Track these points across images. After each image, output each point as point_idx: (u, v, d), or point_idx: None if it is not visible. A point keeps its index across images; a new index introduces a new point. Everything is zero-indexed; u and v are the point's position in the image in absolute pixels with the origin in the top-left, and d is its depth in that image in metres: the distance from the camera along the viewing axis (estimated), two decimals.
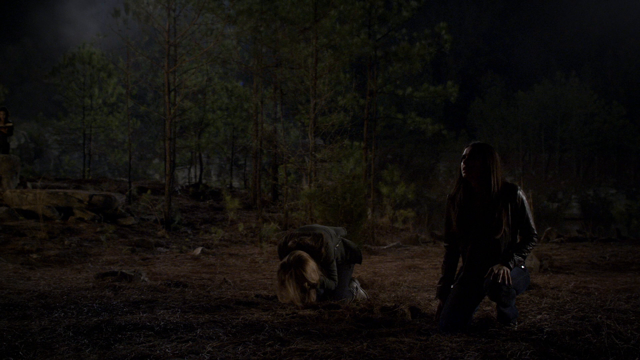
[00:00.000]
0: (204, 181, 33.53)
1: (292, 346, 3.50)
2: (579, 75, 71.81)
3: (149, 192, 18.72)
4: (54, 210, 16.02)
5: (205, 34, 20.03)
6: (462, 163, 4.32)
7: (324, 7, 16.74)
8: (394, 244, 15.65)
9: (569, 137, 67.78)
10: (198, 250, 13.06)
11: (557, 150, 69.44)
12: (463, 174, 4.32)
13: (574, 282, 7.02)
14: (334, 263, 5.39)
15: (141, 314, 4.57)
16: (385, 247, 15.10)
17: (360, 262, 5.86)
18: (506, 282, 3.96)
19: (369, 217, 17.65)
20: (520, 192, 4.28)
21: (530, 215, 4.28)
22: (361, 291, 5.62)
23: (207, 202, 22.63)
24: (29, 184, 18.43)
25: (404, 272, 8.98)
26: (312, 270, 5.14)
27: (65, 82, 32.13)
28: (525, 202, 4.28)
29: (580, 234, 18.34)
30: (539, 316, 4.43)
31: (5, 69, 68.73)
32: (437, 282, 4.69)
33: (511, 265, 4.06)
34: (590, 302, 5.14)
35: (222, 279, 7.30)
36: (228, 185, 32.53)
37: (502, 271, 3.98)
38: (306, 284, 5.06)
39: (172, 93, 19.59)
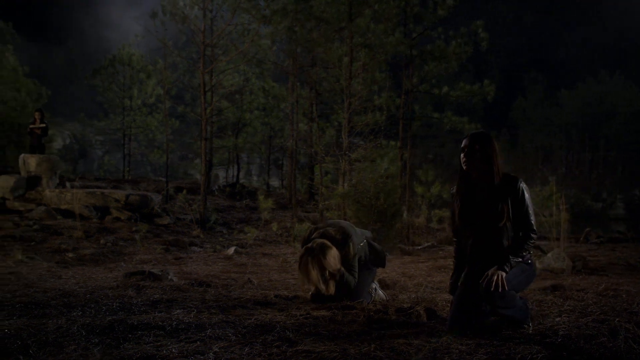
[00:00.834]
0: (241, 181, 33.72)
1: (299, 347, 3.47)
2: (624, 73, 70.42)
3: (184, 192, 18.84)
4: (91, 209, 16.23)
5: (242, 35, 20.12)
6: (461, 155, 4.23)
7: (359, 6, 16.68)
8: (429, 244, 15.51)
9: (613, 136, 66.46)
10: (231, 250, 13.09)
11: (601, 150, 68.19)
12: (464, 167, 4.23)
13: (605, 283, 6.85)
14: (356, 259, 5.30)
15: (156, 314, 4.57)
16: (419, 247, 14.97)
17: (383, 266, 5.77)
18: (499, 289, 3.85)
19: (404, 217, 17.54)
20: (522, 184, 4.12)
21: (530, 210, 4.11)
22: (380, 292, 5.55)
23: (244, 201, 22.74)
24: (67, 184, 18.72)
25: (434, 272, 8.88)
26: (334, 258, 5.08)
27: (106, 83, 32.65)
28: (527, 195, 4.12)
29: (620, 235, 17.97)
30: (557, 319, 4.33)
31: (51, 71, 69.95)
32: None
33: (507, 269, 3.94)
34: (615, 304, 5.01)
35: (247, 279, 7.28)
36: (265, 185, 32.66)
37: (495, 277, 3.89)
38: (327, 272, 5.03)
39: (209, 93, 19.69)
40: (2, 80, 27.69)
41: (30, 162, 17.68)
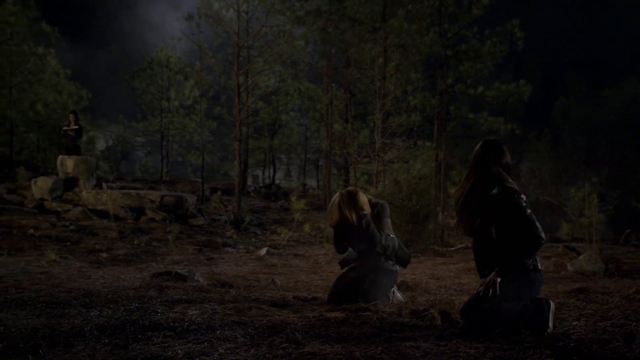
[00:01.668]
0: (281, 182, 33.84)
1: (306, 349, 3.46)
2: None
3: (219, 192, 19.00)
4: (127, 210, 16.43)
5: (277, 36, 20.19)
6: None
7: (393, 6, 16.63)
8: (463, 245, 15.39)
9: None
10: (263, 251, 13.13)
11: None
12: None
13: (636, 287, 6.69)
14: (387, 223, 5.61)
15: (171, 314, 4.60)
16: (453, 249, 14.86)
17: (404, 267, 5.76)
18: (489, 302, 3.85)
19: (439, 218, 17.40)
20: (514, 195, 4.03)
21: (527, 217, 3.98)
22: (398, 294, 5.52)
23: (279, 202, 22.81)
24: (104, 185, 18.97)
25: (462, 274, 8.80)
26: (365, 203, 5.45)
27: (144, 85, 33.03)
28: (522, 202, 4.02)
29: None
30: (575, 322, 4.24)
31: (95, 74, 71.01)
32: None
33: (499, 279, 3.90)
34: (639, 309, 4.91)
35: (270, 280, 7.30)
36: (302, 186, 32.70)
37: (483, 287, 3.91)
38: (356, 208, 5.37)
39: (244, 95, 19.80)
40: (43, 83, 28.18)
41: (67, 163, 17.97)
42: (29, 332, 3.96)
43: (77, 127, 19.12)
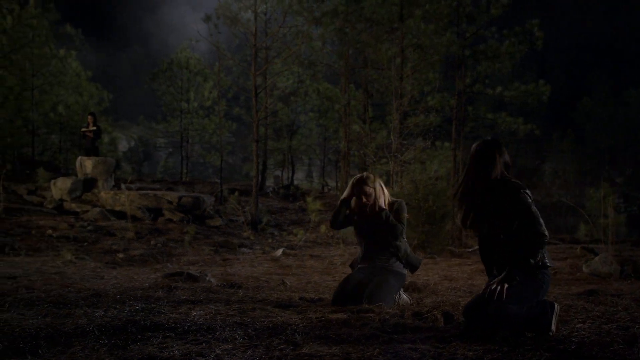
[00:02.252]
0: (302, 182, 33.85)
1: (303, 351, 3.44)
2: None
3: (236, 193, 19.07)
4: (144, 211, 16.53)
5: (296, 37, 20.21)
6: None
7: (410, 6, 16.58)
8: None
9: None
10: (279, 252, 13.13)
11: None
12: None
13: None
14: (404, 212, 5.57)
15: (174, 315, 4.61)
16: (470, 250, 14.75)
17: (412, 272, 5.73)
18: (493, 304, 3.83)
19: (457, 219, 17.27)
20: (514, 187, 4.00)
21: (533, 214, 3.93)
22: (404, 296, 5.47)
23: (297, 203, 22.83)
24: (123, 186, 19.10)
25: (476, 275, 8.73)
26: (384, 191, 5.51)
27: (164, 86, 33.23)
28: (528, 198, 3.95)
29: None
30: (579, 325, 4.18)
31: (118, 75, 71.62)
32: None
33: (506, 285, 3.87)
34: None
35: (280, 281, 7.30)
36: (321, 187, 32.70)
37: (489, 292, 3.88)
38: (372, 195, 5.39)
39: (263, 95, 19.84)
40: (64, 85, 28.46)
41: (86, 164, 18.12)
42: (32, 332, 3.98)
43: (95, 128, 19.26)
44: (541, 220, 3.93)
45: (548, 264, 4.03)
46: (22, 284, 6.73)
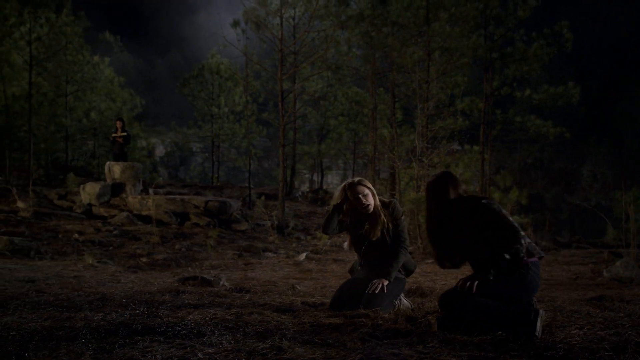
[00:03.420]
0: (327, 186, 33.83)
1: (285, 356, 3.44)
2: None
3: (263, 197, 19.10)
4: (171, 215, 16.65)
5: (324, 41, 20.24)
6: None
7: (436, 9, 16.50)
8: None
9: None
10: (302, 256, 13.13)
11: None
12: None
13: None
14: (402, 221, 5.51)
15: (169, 319, 4.62)
16: None
17: (407, 276, 5.67)
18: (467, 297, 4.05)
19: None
20: (481, 199, 4.30)
21: (497, 213, 4.17)
22: (405, 301, 5.42)
23: (325, 207, 22.80)
24: (150, 191, 19.27)
25: None
26: (372, 192, 5.39)
27: (195, 91, 33.51)
28: (494, 204, 4.21)
29: None
30: (575, 331, 4.10)
31: (156, 80, 72.41)
32: None
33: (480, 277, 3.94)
34: None
35: (291, 285, 7.30)
36: None
37: (461, 282, 4.11)
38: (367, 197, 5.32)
39: (292, 99, 19.88)
40: (96, 91, 28.86)
41: (114, 169, 18.33)
42: (27, 335, 4.03)
43: (125, 134, 19.48)
44: (510, 218, 4.12)
45: (530, 258, 4.05)
46: (36, 287, 6.81)
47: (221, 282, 7.35)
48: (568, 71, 63.54)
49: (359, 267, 5.63)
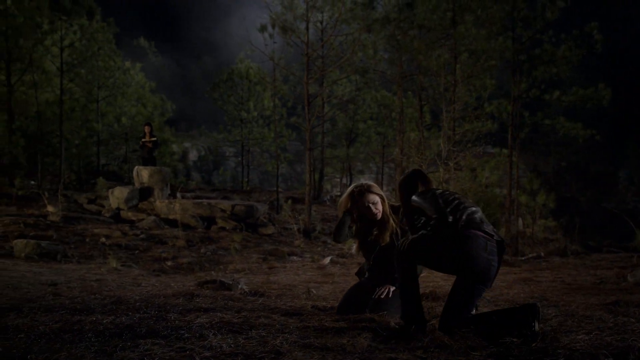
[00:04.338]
0: None
1: (283, 359, 3.44)
2: None
3: (289, 202, 19.13)
4: (198, 219, 16.76)
5: (352, 45, 20.23)
6: None
7: (462, 12, 16.41)
8: (533, 254, 14.95)
9: None
10: (327, 260, 13.13)
11: None
12: None
13: None
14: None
15: (176, 322, 4.64)
16: (523, 258, 14.45)
17: None
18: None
19: (518, 225, 16.99)
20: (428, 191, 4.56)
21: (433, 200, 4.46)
22: None
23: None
24: (178, 195, 19.42)
25: (515, 284, 8.55)
26: (381, 196, 5.33)
27: (225, 96, 33.72)
28: (435, 192, 4.54)
29: None
30: (581, 336, 4.03)
31: (190, 84, 73.02)
32: None
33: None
34: None
35: (307, 289, 7.29)
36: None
37: None
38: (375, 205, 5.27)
39: (319, 102, 19.92)
40: (127, 96, 29.19)
41: (143, 174, 18.51)
42: (34, 337, 4.07)
43: (154, 138, 19.70)
44: (440, 201, 4.39)
45: (471, 230, 4.11)
46: (55, 290, 6.88)
47: (239, 286, 7.36)
48: (599, 73, 62.70)
49: (367, 271, 5.58)
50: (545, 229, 19.01)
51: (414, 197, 4.48)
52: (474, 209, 4.25)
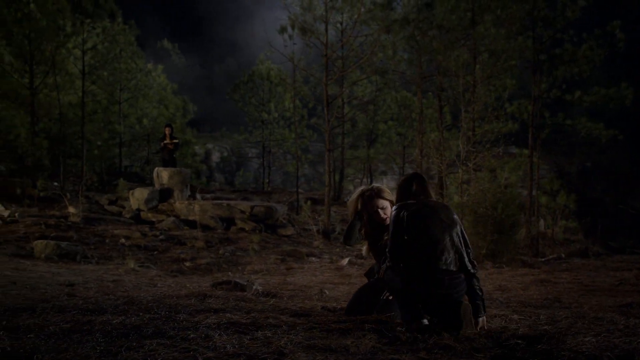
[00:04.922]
0: None
1: (284, 359, 3.44)
2: None
3: (309, 203, 19.14)
4: (217, 220, 16.82)
5: (372, 45, 20.21)
6: None
7: (482, 12, 16.32)
8: (553, 256, 14.83)
9: None
10: (345, 261, 13.12)
11: None
12: None
13: None
14: None
15: (184, 323, 4.66)
16: (543, 259, 14.35)
17: None
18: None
19: (539, 226, 16.86)
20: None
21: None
22: None
23: None
24: (198, 196, 19.50)
25: (533, 286, 8.47)
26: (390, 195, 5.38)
27: (246, 97, 33.80)
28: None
29: None
30: (589, 338, 3.99)
31: (213, 86, 73.28)
32: None
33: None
34: None
35: (320, 290, 7.29)
36: None
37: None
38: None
39: (340, 103, 19.93)
40: (149, 98, 29.37)
41: (163, 175, 18.62)
42: (43, 337, 4.10)
43: (176, 140, 19.83)
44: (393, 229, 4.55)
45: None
46: (70, 290, 6.92)
47: (254, 287, 7.37)
48: (621, 72, 61.90)
49: (377, 273, 5.57)
50: (567, 230, 18.88)
51: (392, 208, 4.63)
52: (433, 242, 4.40)
